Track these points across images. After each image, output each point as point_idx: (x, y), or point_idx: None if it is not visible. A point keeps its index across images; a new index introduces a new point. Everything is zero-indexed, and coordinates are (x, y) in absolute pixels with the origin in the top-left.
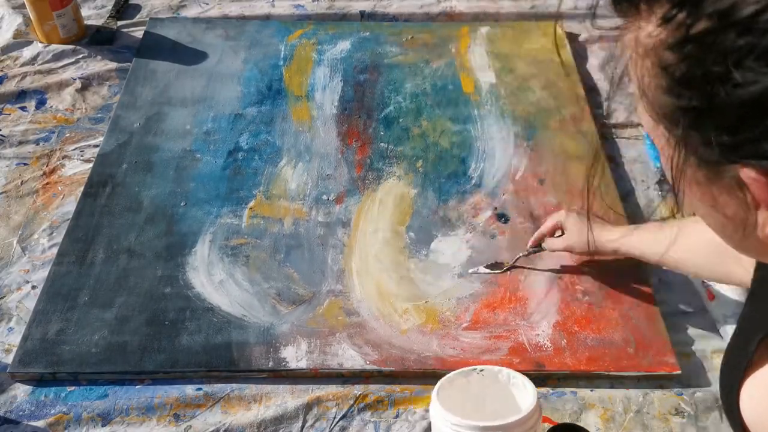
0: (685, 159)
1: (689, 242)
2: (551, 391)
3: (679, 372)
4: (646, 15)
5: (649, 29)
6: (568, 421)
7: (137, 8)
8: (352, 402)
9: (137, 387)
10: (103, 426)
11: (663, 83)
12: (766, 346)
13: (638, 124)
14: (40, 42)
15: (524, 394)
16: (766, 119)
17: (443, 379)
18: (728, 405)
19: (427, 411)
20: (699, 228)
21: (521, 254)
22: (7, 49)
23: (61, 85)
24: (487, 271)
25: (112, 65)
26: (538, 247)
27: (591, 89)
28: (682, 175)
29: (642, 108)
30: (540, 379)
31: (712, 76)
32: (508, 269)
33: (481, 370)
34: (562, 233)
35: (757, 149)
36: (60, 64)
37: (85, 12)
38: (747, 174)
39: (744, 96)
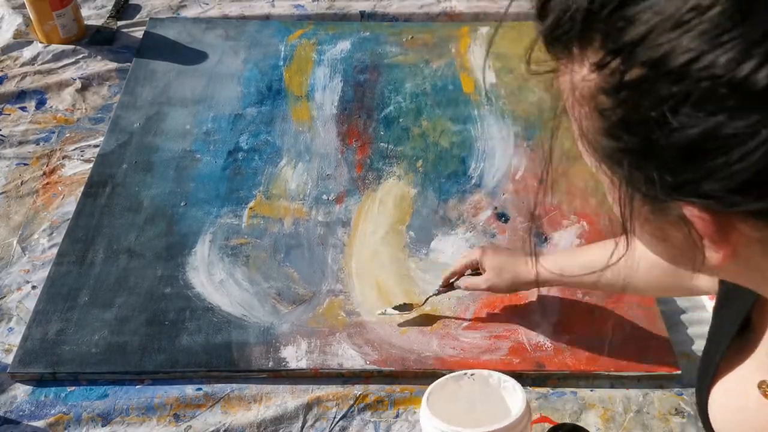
0: (631, 197)
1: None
2: (551, 391)
3: (679, 372)
4: (579, 59)
5: (584, 73)
6: (568, 421)
7: (137, 8)
8: (352, 402)
9: (137, 387)
10: (103, 426)
11: (601, 126)
12: (730, 355)
13: None
14: (40, 42)
15: (514, 398)
16: (704, 161)
17: (434, 383)
18: (700, 411)
19: None
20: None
21: (431, 294)
22: (7, 49)
23: (61, 85)
24: (396, 312)
25: (112, 65)
26: (449, 286)
27: None
28: (630, 212)
29: (583, 148)
30: (540, 379)
31: (649, 121)
32: (415, 308)
33: (472, 374)
34: (477, 273)
35: (697, 189)
36: (60, 64)
37: (85, 12)
38: (690, 212)
39: (682, 140)
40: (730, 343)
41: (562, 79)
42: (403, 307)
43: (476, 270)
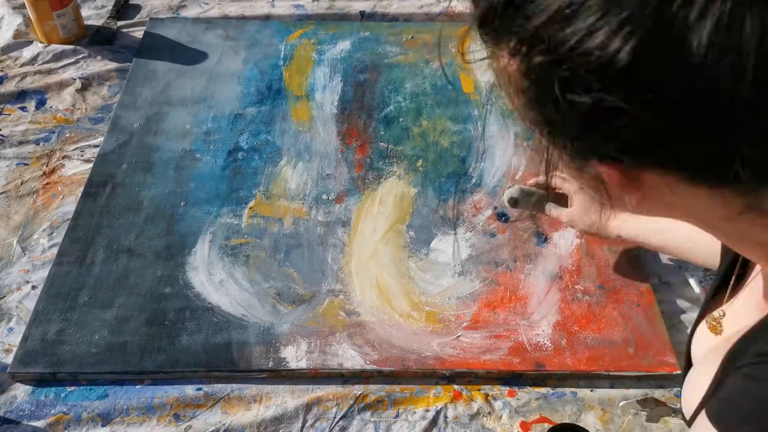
0: (556, 157)
1: (695, 231)
2: (551, 391)
3: (679, 372)
4: (503, 46)
5: (506, 58)
6: (567, 421)
7: (137, 8)
8: (352, 402)
9: (137, 387)
10: (103, 426)
11: (523, 101)
12: (717, 300)
13: None
14: (40, 42)
15: None
16: (597, 129)
17: None
18: (687, 345)
19: (427, 411)
20: None
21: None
22: (7, 49)
23: (61, 85)
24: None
25: (112, 65)
26: (540, 198)
27: None
28: (554, 169)
29: (518, 117)
30: (540, 379)
31: (552, 98)
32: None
33: None
34: (563, 201)
35: (599, 150)
36: (60, 64)
37: (85, 12)
38: (601, 168)
39: (577, 113)
40: (719, 290)
41: (494, 63)
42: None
43: (560, 197)
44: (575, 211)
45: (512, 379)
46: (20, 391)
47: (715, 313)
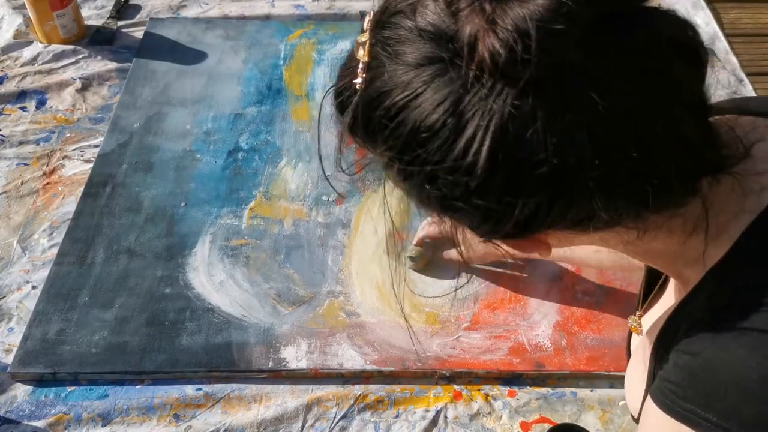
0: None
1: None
2: (551, 391)
3: None
4: (373, 150)
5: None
6: (567, 421)
7: (137, 8)
8: (352, 402)
9: (137, 387)
10: (103, 426)
11: (411, 198)
12: (650, 306)
13: None
14: (40, 42)
15: None
16: (484, 222)
17: None
18: (627, 346)
19: (427, 411)
20: None
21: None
22: (7, 49)
23: (61, 85)
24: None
25: (112, 65)
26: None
27: None
28: (460, 237)
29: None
30: (540, 379)
31: (433, 205)
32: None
33: None
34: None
35: (491, 234)
36: (60, 64)
37: (85, 12)
38: (500, 242)
39: (459, 215)
40: (650, 298)
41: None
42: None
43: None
44: (465, 246)
45: (512, 379)
46: (20, 391)
47: (635, 317)
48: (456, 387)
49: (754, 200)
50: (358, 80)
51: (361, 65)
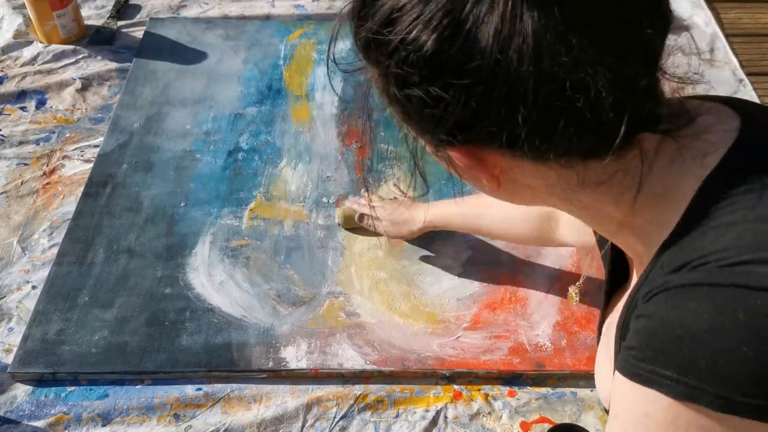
0: (419, 145)
1: (505, 210)
2: (551, 391)
3: None
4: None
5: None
6: (567, 421)
7: (137, 8)
8: (352, 402)
9: (137, 387)
10: (103, 426)
11: (383, 101)
12: (614, 300)
13: None
14: (40, 42)
15: None
16: (431, 116)
17: None
18: (597, 339)
19: (427, 411)
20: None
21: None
22: (7, 49)
23: (61, 85)
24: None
25: (112, 65)
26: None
27: None
28: (419, 155)
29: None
30: (540, 379)
31: (393, 94)
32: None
33: None
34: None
35: (438, 134)
36: (60, 64)
37: (85, 12)
38: (449, 152)
39: (413, 105)
40: (612, 290)
41: (367, 74)
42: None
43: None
44: (386, 222)
45: (512, 379)
46: (20, 391)
47: (575, 286)
48: (456, 387)
49: (698, 164)
50: None
51: None
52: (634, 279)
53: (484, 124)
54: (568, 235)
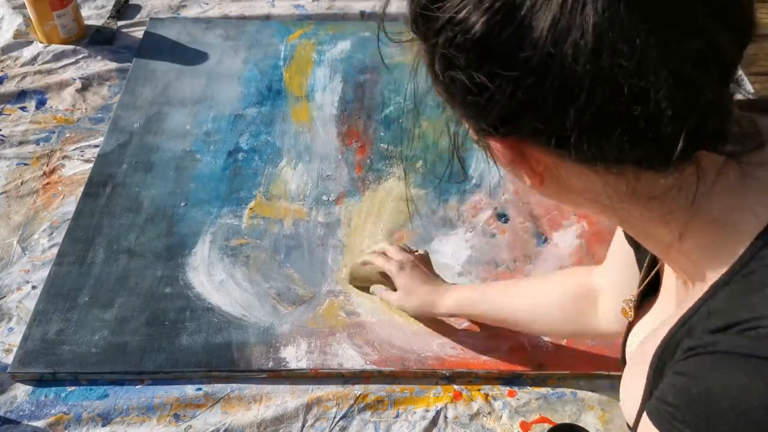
0: (464, 133)
1: (533, 299)
2: (551, 391)
3: None
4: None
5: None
6: (567, 421)
7: (137, 8)
8: (352, 402)
9: (137, 387)
10: (103, 426)
11: (431, 80)
12: (645, 305)
13: None
14: (40, 42)
15: None
16: (476, 103)
17: None
18: (622, 348)
19: (427, 411)
20: (548, 282)
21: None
22: (7, 49)
23: (61, 85)
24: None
25: (112, 65)
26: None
27: None
28: (458, 142)
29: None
30: (540, 379)
31: (438, 76)
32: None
33: None
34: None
35: (480, 123)
36: (60, 64)
37: (85, 12)
38: (491, 142)
39: (457, 88)
40: (643, 296)
41: (415, 49)
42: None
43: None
44: (400, 295)
45: (512, 379)
46: (20, 391)
47: (629, 299)
48: (456, 387)
49: (764, 201)
50: None
51: None
52: (671, 296)
53: (529, 119)
54: (608, 322)
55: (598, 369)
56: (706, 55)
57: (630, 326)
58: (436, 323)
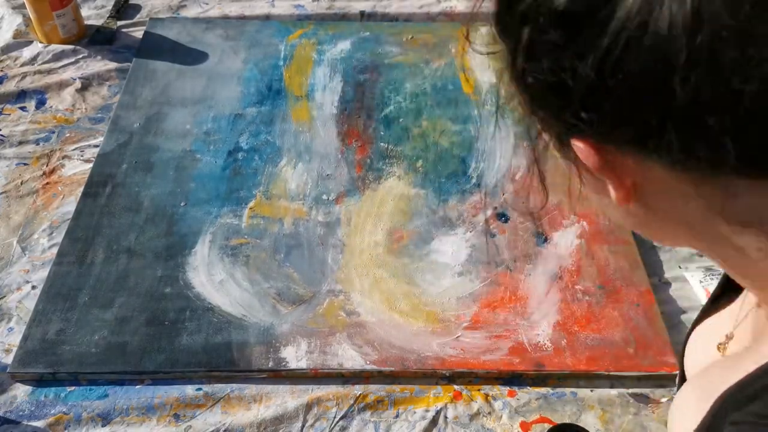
0: (546, 141)
1: None
2: (551, 391)
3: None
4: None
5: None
6: (567, 421)
7: (137, 8)
8: (352, 402)
9: (137, 387)
10: (103, 426)
11: (510, 80)
12: (711, 311)
13: None
14: (40, 42)
15: None
16: (559, 93)
17: None
18: (680, 356)
19: (427, 411)
20: None
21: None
22: (7, 49)
23: (61, 85)
24: None
25: (112, 65)
26: None
27: None
28: (540, 152)
29: (517, 109)
30: (540, 379)
31: (521, 63)
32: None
33: None
34: None
35: (564, 119)
36: (60, 64)
37: (85, 12)
38: (576, 146)
39: (540, 76)
40: (712, 302)
41: (497, 57)
42: None
43: None
44: None
45: (512, 379)
46: (20, 391)
47: (724, 335)
48: (456, 387)
49: None
50: None
51: None
52: (748, 318)
53: (616, 107)
54: None
55: (598, 369)
56: None
57: (693, 327)
58: (436, 323)
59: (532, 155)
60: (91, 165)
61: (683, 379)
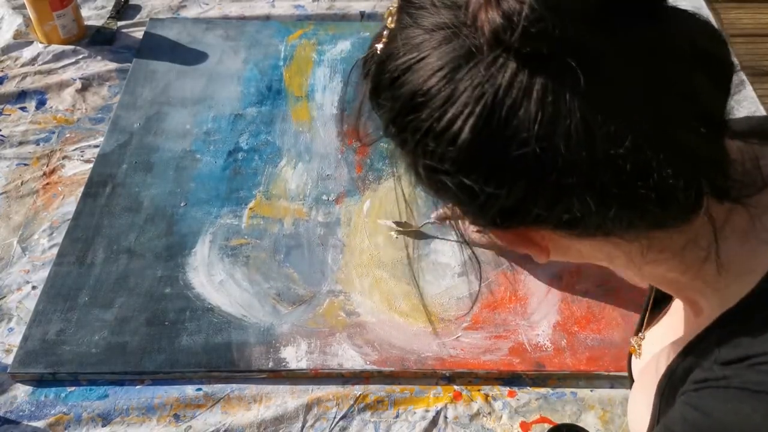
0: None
1: None
2: (551, 391)
3: None
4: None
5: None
6: (567, 421)
7: (137, 9)
8: (352, 402)
9: (137, 387)
10: (103, 426)
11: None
12: (650, 320)
13: None
14: (40, 42)
15: None
16: (469, 204)
17: None
18: (628, 363)
19: (427, 411)
20: None
21: (427, 222)
22: (7, 49)
23: (61, 86)
24: (394, 226)
25: (112, 65)
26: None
27: None
28: (461, 226)
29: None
30: (540, 379)
31: (423, 179)
32: (409, 231)
33: None
34: None
35: (477, 221)
36: (60, 64)
37: (85, 12)
38: (491, 232)
39: (447, 193)
40: (650, 312)
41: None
42: (403, 224)
43: None
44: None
45: (512, 379)
46: (20, 392)
47: (637, 337)
48: (456, 387)
49: None
50: (380, 45)
51: (385, 31)
52: (681, 316)
53: (530, 211)
54: None
55: (598, 369)
56: (694, 118)
57: (638, 331)
58: (436, 323)
59: (402, 197)
60: (91, 165)
61: (632, 379)
